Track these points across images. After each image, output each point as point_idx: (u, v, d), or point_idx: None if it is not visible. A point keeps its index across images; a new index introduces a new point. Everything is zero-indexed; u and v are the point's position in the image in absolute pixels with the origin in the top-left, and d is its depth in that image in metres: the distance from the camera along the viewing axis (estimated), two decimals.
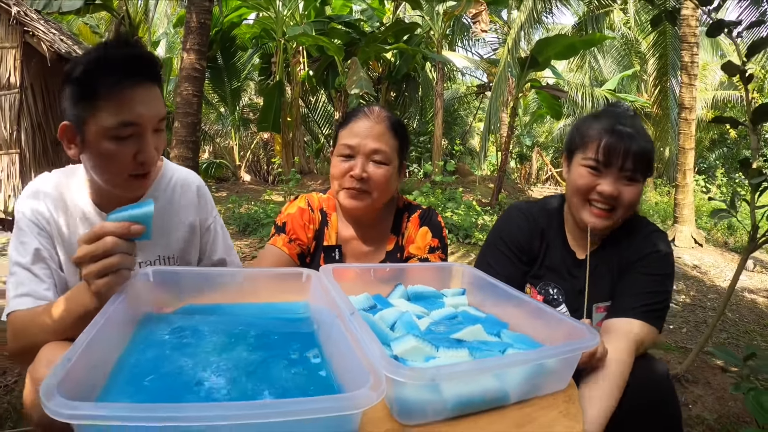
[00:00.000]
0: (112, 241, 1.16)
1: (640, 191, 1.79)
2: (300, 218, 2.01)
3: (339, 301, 1.12)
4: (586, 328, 1.19)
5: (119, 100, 1.44)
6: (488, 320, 1.38)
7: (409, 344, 1.07)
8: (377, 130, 1.89)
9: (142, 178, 1.58)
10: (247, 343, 1.08)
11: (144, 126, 1.49)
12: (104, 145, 1.47)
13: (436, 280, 1.61)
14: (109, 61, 1.43)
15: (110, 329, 1.01)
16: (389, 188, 1.95)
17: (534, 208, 2.01)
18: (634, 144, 1.73)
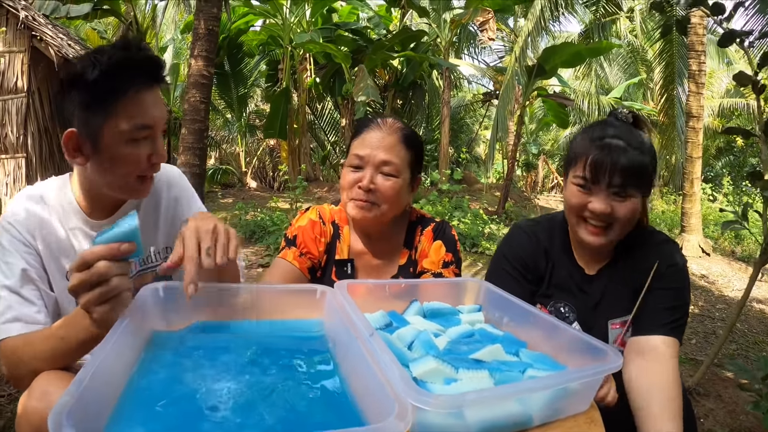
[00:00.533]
0: (105, 265, 1.10)
1: (635, 206, 1.70)
2: (311, 231, 1.97)
3: (356, 320, 1.08)
4: (608, 349, 1.16)
5: (137, 103, 1.45)
6: (506, 339, 1.35)
7: (429, 366, 1.04)
8: (388, 142, 1.86)
9: (147, 179, 1.58)
10: (261, 364, 1.05)
11: (157, 127, 1.52)
12: (121, 149, 1.47)
13: (451, 295, 1.57)
14: (132, 63, 1.43)
15: (119, 352, 0.98)
16: (399, 201, 1.91)
17: (536, 227, 1.96)
18: (622, 157, 1.64)
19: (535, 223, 1.99)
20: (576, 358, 1.23)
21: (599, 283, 1.85)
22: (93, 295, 1.10)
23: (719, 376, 4.15)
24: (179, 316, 1.25)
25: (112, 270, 1.10)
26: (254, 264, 7.41)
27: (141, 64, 1.45)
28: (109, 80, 1.41)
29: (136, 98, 1.44)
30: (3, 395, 3.16)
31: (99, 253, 1.10)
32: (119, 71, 1.42)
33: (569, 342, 1.27)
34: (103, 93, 1.42)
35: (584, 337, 1.24)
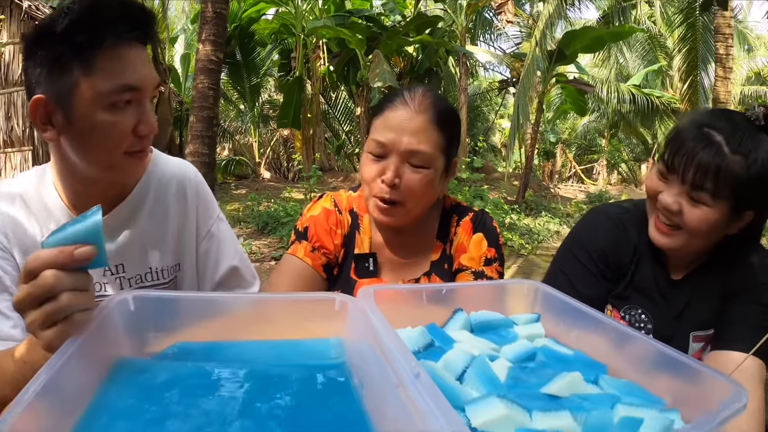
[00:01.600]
0: (53, 276, 0.79)
1: (710, 219, 1.38)
2: (325, 221, 1.67)
3: (393, 350, 0.76)
4: (721, 378, 0.86)
5: (120, 58, 1.20)
6: (578, 360, 1.04)
7: (496, 412, 0.73)
8: (417, 124, 1.51)
9: (140, 154, 1.30)
10: (258, 411, 0.73)
11: (145, 91, 1.26)
12: (99, 116, 1.20)
13: (501, 301, 1.25)
14: (104, 10, 1.19)
15: (60, 392, 0.70)
16: (429, 195, 1.60)
17: (625, 215, 1.65)
18: (711, 154, 1.34)
19: (624, 211, 1.66)
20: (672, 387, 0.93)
21: (685, 291, 1.58)
22: (37, 314, 0.81)
23: None
24: (156, 336, 0.95)
25: (61, 282, 0.80)
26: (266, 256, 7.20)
27: (121, 10, 1.20)
28: (82, 31, 1.15)
29: (115, 52, 1.18)
30: None
31: (45, 260, 0.80)
32: (93, 19, 1.16)
33: (657, 363, 0.96)
34: (75, 46, 1.15)
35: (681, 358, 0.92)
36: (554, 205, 13.26)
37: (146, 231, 1.44)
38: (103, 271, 1.40)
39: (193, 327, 0.97)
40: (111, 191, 1.40)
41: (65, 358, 0.72)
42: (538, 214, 11.79)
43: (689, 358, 0.94)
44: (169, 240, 1.48)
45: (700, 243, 1.46)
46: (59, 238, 0.81)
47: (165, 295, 1.04)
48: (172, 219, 1.49)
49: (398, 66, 15.11)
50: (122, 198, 1.42)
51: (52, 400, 0.67)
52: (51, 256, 0.80)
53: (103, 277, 1.41)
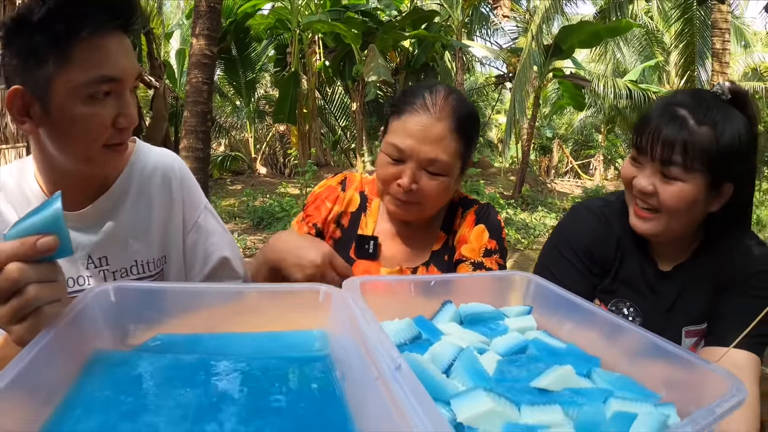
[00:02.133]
0: (17, 269, 0.77)
1: (686, 194, 1.36)
2: (324, 195, 1.74)
3: (375, 342, 0.73)
4: (719, 372, 0.83)
5: (97, 48, 1.16)
6: (571, 353, 1.01)
7: (482, 406, 0.70)
8: (437, 132, 1.49)
9: (119, 147, 1.27)
10: (234, 406, 0.71)
11: (125, 82, 1.22)
12: (77, 108, 1.17)
13: (492, 293, 1.22)
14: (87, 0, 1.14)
15: (34, 381, 0.67)
16: (444, 198, 1.63)
17: (607, 209, 1.62)
18: (675, 128, 1.34)
19: (606, 204, 1.64)
20: (667, 380, 0.91)
21: (674, 283, 1.55)
22: (5, 309, 0.78)
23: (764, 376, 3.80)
24: (137, 328, 0.92)
25: (26, 275, 0.77)
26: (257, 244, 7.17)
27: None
28: (59, 20, 1.11)
29: (94, 42, 1.15)
30: None
31: (7, 253, 0.77)
32: (70, 9, 1.12)
33: (652, 356, 0.94)
34: (51, 36, 1.11)
35: (676, 350, 0.90)
36: (551, 200, 13.25)
37: (130, 223, 1.41)
38: (86, 264, 1.37)
39: (176, 319, 0.94)
40: (92, 183, 1.37)
41: (37, 350, 0.70)
42: (535, 209, 11.77)
43: (685, 350, 0.92)
44: (154, 232, 1.45)
45: (680, 223, 1.43)
46: (20, 230, 0.78)
47: (146, 286, 1.02)
48: (157, 211, 1.45)
49: (394, 61, 15.08)
50: (105, 189, 1.38)
51: (24, 393, 0.66)
52: (13, 248, 0.77)
53: (86, 270, 1.38)
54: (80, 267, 1.37)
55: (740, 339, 1.18)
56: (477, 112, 1.65)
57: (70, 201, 1.33)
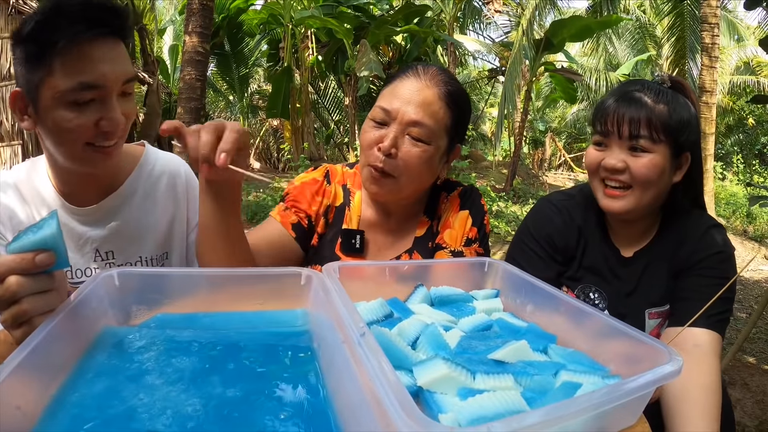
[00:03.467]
0: (16, 282, 0.85)
1: (656, 164, 1.50)
2: (309, 187, 1.67)
3: (345, 314, 0.84)
4: (660, 346, 0.93)
5: (77, 57, 1.22)
6: (531, 331, 1.11)
7: (439, 371, 0.81)
8: (424, 96, 1.49)
9: (103, 149, 1.33)
10: (224, 370, 0.82)
11: (108, 88, 1.28)
12: (60, 113, 1.25)
13: (464, 278, 1.32)
14: (67, 9, 1.20)
15: (48, 355, 0.77)
16: (424, 174, 1.57)
17: (568, 202, 1.74)
18: (637, 107, 1.49)
19: (567, 197, 1.77)
20: (618, 356, 1.00)
21: (636, 268, 1.65)
22: (5, 316, 0.87)
23: (742, 362, 3.93)
24: (139, 309, 1.03)
25: (24, 288, 0.85)
26: None
27: (80, 9, 1.22)
28: (44, 31, 1.20)
29: (74, 51, 1.22)
30: None
31: (8, 266, 0.85)
32: (53, 20, 1.20)
33: (606, 335, 1.03)
34: (39, 46, 1.21)
35: (628, 330, 1.00)
36: (542, 192, 13.32)
37: (136, 222, 1.51)
38: (94, 257, 1.48)
39: (174, 301, 1.04)
40: (100, 182, 1.46)
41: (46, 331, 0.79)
42: (526, 201, 11.85)
43: (634, 329, 1.01)
44: (158, 231, 1.55)
45: (650, 195, 1.54)
46: (21, 245, 0.86)
47: (147, 271, 1.14)
48: (162, 211, 1.56)
49: (387, 55, 15.08)
50: (114, 188, 1.49)
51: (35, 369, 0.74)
52: (14, 261, 0.85)
53: (94, 263, 1.49)
54: (89, 259, 1.48)
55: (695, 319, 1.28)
56: (468, 96, 1.64)
57: (81, 198, 1.45)
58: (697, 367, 1.35)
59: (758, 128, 21.04)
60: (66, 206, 1.45)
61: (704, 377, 1.34)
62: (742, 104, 19.82)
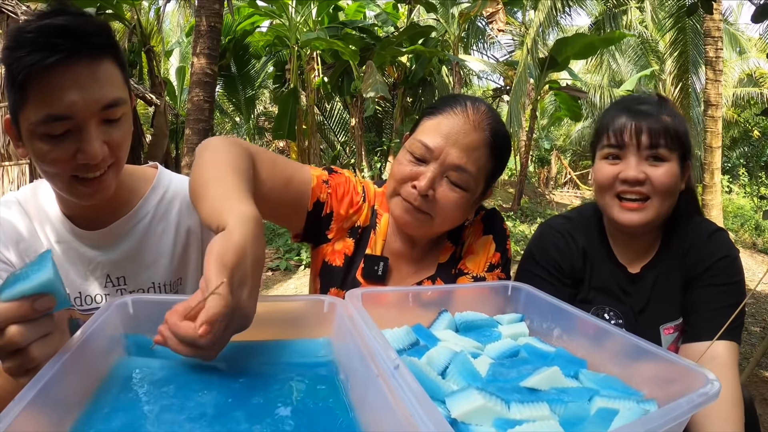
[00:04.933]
0: (17, 332, 0.82)
1: (672, 171, 1.52)
2: (352, 194, 1.57)
3: (375, 345, 0.80)
4: (701, 372, 0.90)
5: (44, 86, 1.12)
6: (560, 356, 1.08)
7: (474, 402, 0.77)
8: (471, 140, 1.41)
9: (89, 182, 1.24)
10: (248, 406, 0.78)
11: (81, 118, 1.17)
12: (36, 144, 1.17)
13: (488, 303, 1.28)
14: (26, 37, 1.10)
15: (66, 385, 0.74)
16: (458, 218, 1.51)
17: (569, 224, 1.74)
18: (650, 120, 1.52)
19: (566, 220, 1.77)
20: (650, 379, 0.97)
21: (645, 283, 1.64)
22: (10, 365, 0.84)
23: (759, 377, 3.88)
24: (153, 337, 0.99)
25: (26, 337, 0.82)
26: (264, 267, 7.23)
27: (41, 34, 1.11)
28: (9, 60, 1.12)
29: (40, 80, 1.12)
30: None
31: (6, 315, 0.81)
32: (17, 47, 1.11)
33: (635, 356, 1.01)
34: (8, 76, 1.13)
35: (657, 350, 0.98)
36: (549, 211, 13.32)
37: (148, 247, 1.46)
38: (104, 283, 1.43)
39: None
40: (108, 206, 1.40)
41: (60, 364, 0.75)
42: (534, 220, 11.84)
43: (665, 351, 0.99)
44: (172, 256, 1.50)
45: (666, 205, 1.55)
46: (17, 292, 0.81)
47: (162, 298, 1.10)
48: (176, 236, 1.50)
49: (392, 76, 15.16)
50: (125, 212, 1.44)
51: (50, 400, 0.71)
52: (12, 310, 0.81)
53: (105, 289, 1.44)
54: (98, 286, 1.43)
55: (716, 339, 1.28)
56: (510, 140, 1.58)
57: (89, 221, 1.40)
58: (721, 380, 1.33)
59: (763, 140, 21.02)
60: (74, 230, 1.40)
61: (725, 390, 1.32)
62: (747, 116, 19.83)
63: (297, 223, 1.53)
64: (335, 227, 1.56)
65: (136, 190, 1.47)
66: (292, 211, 1.50)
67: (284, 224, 1.59)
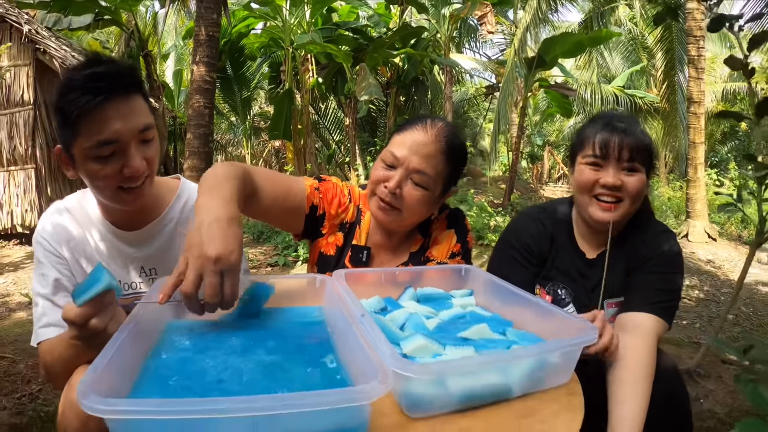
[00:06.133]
0: (97, 322, 1.20)
1: (643, 181, 1.85)
2: (339, 196, 1.96)
3: (351, 304, 1.19)
4: (586, 325, 1.26)
5: (93, 120, 1.45)
6: (493, 319, 1.44)
7: (418, 343, 1.14)
8: (428, 150, 1.78)
9: (132, 191, 1.58)
10: (265, 346, 1.16)
11: (125, 141, 1.50)
12: (89, 166, 1.51)
13: (446, 282, 1.67)
14: (75, 84, 1.44)
15: (134, 339, 1.08)
16: (423, 212, 1.88)
17: (543, 215, 2.08)
18: (628, 137, 1.83)
19: (541, 210, 2.12)
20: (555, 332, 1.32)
21: (598, 267, 1.96)
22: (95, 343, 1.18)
23: (719, 358, 4.22)
24: None
25: (103, 322, 1.20)
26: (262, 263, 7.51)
27: (88, 80, 1.44)
28: (63, 101, 1.45)
29: (89, 116, 1.45)
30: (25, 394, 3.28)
31: (87, 313, 1.19)
32: (68, 92, 1.44)
33: (554, 321, 1.36)
34: (63, 114, 1.46)
35: (568, 316, 1.33)
36: None
37: (173, 244, 1.80)
38: (139, 273, 1.79)
39: None
40: (142, 212, 1.74)
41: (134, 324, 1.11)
42: None
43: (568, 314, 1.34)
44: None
45: (636, 205, 1.88)
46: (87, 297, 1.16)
47: None
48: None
49: (385, 76, 15.34)
50: (155, 216, 1.78)
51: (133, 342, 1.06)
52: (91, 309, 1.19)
53: (139, 278, 1.79)
54: (135, 275, 1.79)
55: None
56: (467, 148, 1.95)
57: (128, 224, 1.75)
58: (633, 340, 1.65)
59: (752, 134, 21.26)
60: (114, 231, 1.74)
61: (638, 347, 1.63)
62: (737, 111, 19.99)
63: (297, 225, 1.90)
64: (327, 224, 1.94)
65: (162, 198, 1.81)
66: (293, 216, 1.87)
67: (287, 228, 1.96)
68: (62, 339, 1.48)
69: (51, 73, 8.76)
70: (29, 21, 9.01)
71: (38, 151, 8.97)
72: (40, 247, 1.69)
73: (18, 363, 3.85)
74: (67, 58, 8.67)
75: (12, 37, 8.89)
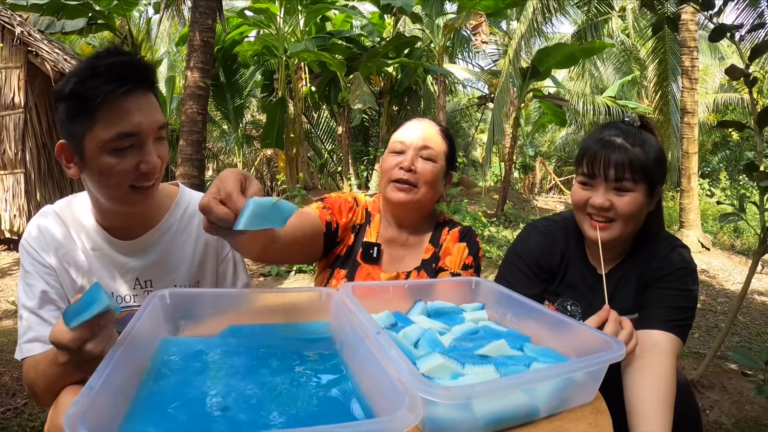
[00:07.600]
0: (93, 346, 1.10)
1: (636, 201, 1.73)
2: (343, 202, 2.04)
3: (363, 320, 1.10)
4: (612, 340, 1.18)
5: (115, 110, 1.39)
6: (510, 334, 1.37)
7: (436, 362, 1.06)
8: (428, 132, 2.01)
9: (144, 190, 1.51)
10: (270, 366, 1.06)
11: (144, 135, 1.44)
12: (104, 159, 1.42)
13: (456, 295, 1.59)
14: (100, 70, 1.37)
15: (129, 357, 1.00)
16: (436, 187, 2.01)
17: (553, 228, 2.00)
18: (617, 153, 1.71)
19: (551, 223, 2.03)
20: (580, 350, 1.25)
21: (609, 283, 1.87)
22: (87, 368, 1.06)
23: (723, 368, 4.17)
24: (186, 323, 1.27)
25: (99, 347, 1.10)
26: (255, 273, 7.42)
27: (117, 67, 1.38)
28: (85, 88, 1.37)
29: (111, 105, 1.38)
30: (9, 408, 3.17)
31: (84, 336, 1.09)
32: (91, 78, 1.37)
33: (574, 335, 1.29)
34: (79, 102, 1.38)
35: (588, 329, 1.26)
36: (533, 216, 13.57)
37: (171, 254, 1.71)
38: (134, 285, 1.68)
39: (217, 314, 1.29)
40: (139, 219, 1.66)
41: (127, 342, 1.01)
42: (517, 226, 12.09)
43: (591, 328, 1.27)
44: (191, 263, 1.75)
45: (631, 226, 1.78)
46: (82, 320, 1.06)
47: (194, 291, 1.37)
48: (195, 245, 1.75)
49: (378, 85, 15.31)
50: (153, 224, 1.69)
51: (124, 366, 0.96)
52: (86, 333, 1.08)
53: (134, 290, 1.69)
54: (128, 287, 1.68)
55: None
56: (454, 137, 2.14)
57: (122, 232, 1.65)
58: (653, 359, 1.57)
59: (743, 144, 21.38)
60: (108, 238, 1.64)
61: (658, 367, 1.56)
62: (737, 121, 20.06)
63: (318, 249, 1.97)
64: (341, 233, 2.01)
65: (161, 205, 1.72)
66: (314, 242, 1.92)
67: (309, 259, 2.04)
68: (48, 358, 1.38)
69: (42, 77, 8.64)
70: (22, 23, 8.89)
71: (28, 156, 8.83)
72: (26, 254, 1.59)
73: (2, 375, 3.72)
74: (59, 61, 8.54)
75: (4, 38, 8.77)
